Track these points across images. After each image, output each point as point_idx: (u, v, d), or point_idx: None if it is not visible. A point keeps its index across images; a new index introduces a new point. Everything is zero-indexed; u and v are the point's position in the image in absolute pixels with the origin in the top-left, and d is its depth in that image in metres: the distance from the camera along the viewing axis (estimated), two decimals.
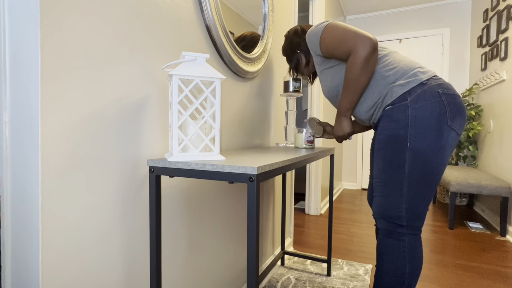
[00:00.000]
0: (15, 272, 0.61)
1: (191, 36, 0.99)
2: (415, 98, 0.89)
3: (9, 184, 0.60)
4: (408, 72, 0.93)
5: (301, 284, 1.59)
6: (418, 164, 0.88)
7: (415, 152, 0.88)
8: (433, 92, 0.88)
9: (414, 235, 0.92)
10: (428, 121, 0.87)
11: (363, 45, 0.90)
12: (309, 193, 2.95)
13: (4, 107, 0.59)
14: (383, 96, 0.96)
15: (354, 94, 0.98)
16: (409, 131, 0.89)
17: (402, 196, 0.91)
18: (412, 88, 0.91)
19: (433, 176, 0.90)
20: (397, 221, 0.92)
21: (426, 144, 0.87)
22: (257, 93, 1.51)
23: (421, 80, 0.91)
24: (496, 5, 2.74)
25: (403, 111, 0.90)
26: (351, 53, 0.93)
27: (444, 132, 0.87)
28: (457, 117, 0.89)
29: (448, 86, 0.91)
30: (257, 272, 0.63)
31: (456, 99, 0.90)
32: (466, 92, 3.36)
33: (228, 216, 1.25)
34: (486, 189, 2.41)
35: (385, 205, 0.94)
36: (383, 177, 0.94)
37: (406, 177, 0.90)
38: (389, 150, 0.93)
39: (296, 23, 2.05)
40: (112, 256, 0.72)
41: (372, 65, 0.92)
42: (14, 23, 0.58)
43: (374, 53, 0.91)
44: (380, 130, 0.97)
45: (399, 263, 0.91)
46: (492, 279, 1.67)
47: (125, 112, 0.74)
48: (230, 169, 0.64)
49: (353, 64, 0.92)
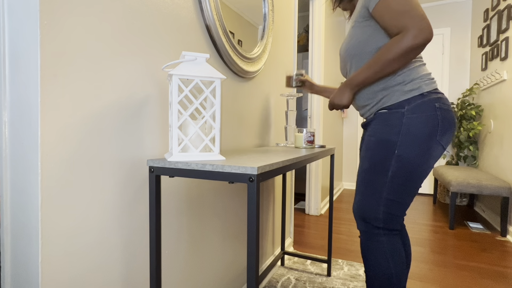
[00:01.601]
0: (15, 272, 0.61)
1: (191, 36, 0.99)
2: (413, 108, 0.89)
3: (9, 185, 0.60)
4: (415, 79, 0.92)
5: (301, 285, 1.59)
6: (402, 172, 0.90)
7: (401, 160, 0.89)
8: (430, 105, 0.89)
9: (392, 235, 0.94)
10: (420, 132, 0.88)
11: (421, 33, 0.81)
12: (309, 193, 2.94)
13: (3, 107, 0.59)
14: (383, 95, 0.96)
15: (375, 74, 0.91)
16: (399, 139, 0.89)
17: (381, 199, 0.92)
18: (412, 97, 0.90)
19: (414, 185, 0.91)
20: (374, 222, 0.94)
21: (413, 154, 0.88)
22: (257, 93, 1.51)
23: (423, 90, 0.90)
24: (497, 5, 2.74)
25: (399, 118, 0.90)
26: (402, 32, 0.83)
27: (433, 146, 0.89)
28: (447, 133, 0.90)
29: (445, 101, 0.92)
30: (257, 272, 0.63)
31: (450, 114, 0.91)
32: (466, 92, 3.35)
33: (228, 216, 1.25)
34: (486, 189, 2.41)
35: (364, 205, 0.95)
36: (366, 178, 0.95)
37: (388, 182, 0.91)
38: (377, 153, 0.93)
39: (296, 23, 2.05)
40: (112, 256, 0.72)
41: (411, 57, 0.86)
42: (14, 23, 0.58)
43: (422, 47, 0.84)
44: (372, 132, 0.96)
45: (383, 265, 0.92)
46: (492, 279, 1.67)
47: (125, 112, 0.74)
48: (230, 169, 0.64)
49: (396, 45, 0.84)
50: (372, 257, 0.94)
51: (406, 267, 0.98)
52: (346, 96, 1.02)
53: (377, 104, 0.98)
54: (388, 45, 0.86)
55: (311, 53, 2.83)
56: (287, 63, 1.94)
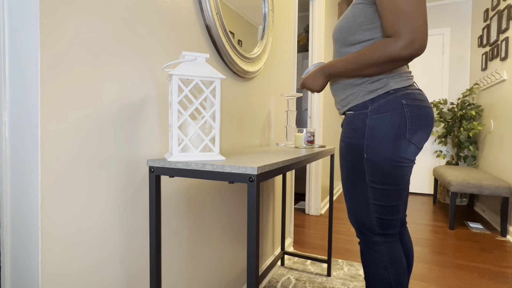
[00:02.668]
0: (15, 272, 0.61)
1: (191, 36, 0.99)
2: (376, 108, 0.84)
3: (9, 184, 0.60)
4: (382, 78, 0.85)
5: (301, 285, 1.59)
6: (377, 175, 0.85)
7: (372, 164, 0.85)
8: (396, 103, 0.82)
9: (390, 242, 0.90)
10: (385, 133, 0.82)
11: (411, 45, 0.72)
12: (309, 193, 2.94)
13: (3, 107, 0.59)
14: (349, 94, 0.91)
15: (351, 72, 0.84)
16: (365, 142, 0.85)
17: (369, 206, 0.88)
18: (376, 97, 0.85)
19: (394, 187, 0.86)
20: (370, 229, 0.90)
21: (382, 157, 0.84)
22: (257, 93, 1.51)
23: (389, 88, 0.84)
24: (497, 5, 2.74)
25: (362, 120, 0.86)
26: (393, 36, 0.74)
27: (402, 146, 0.83)
28: (419, 130, 0.83)
29: (416, 96, 0.84)
30: (257, 272, 0.63)
31: (421, 110, 0.83)
32: (466, 92, 3.35)
33: (228, 216, 1.25)
34: (486, 189, 2.41)
35: (356, 214, 0.92)
36: (348, 186, 0.92)
37: (369, 187, 0.87)
38: (349, 159, 0.90)
39: (296, 23, 2.05)
40: (112, 256, 0.72)
41: (393, 68, 0.79)
42: (14, 23, 0.58)
43: (407, 61, 0.76)
44: (342, 137, 0.94)
45: (382, 273, 0.89)
46: (492, 279, 1.67)
47: (125, 112, 0.74)
48: (230, 169, 0.64)
49: (381, 49, 0.76)
50: (371, 266, 0.91)
51: (407, 271, 0.95)
52: (319, 82, 0.95)
53: (343, 101, 0.94)
54: (375, 45, 0.77)
55: (311, 53, 2.83)
56: (287, 63, 1.94)
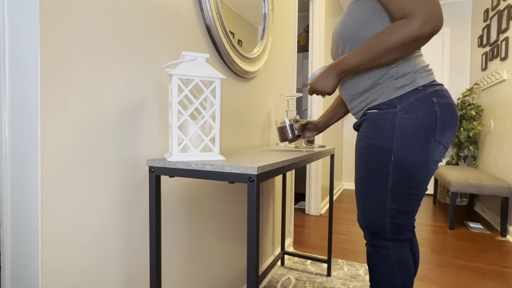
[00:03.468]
0: (15, 272, 0.61)
1: (191, 36, 0.99)
2: (406, 107, 0.79)
3: (9, 184, 0.60)
4: (408, 73, 0.80)
5: (301, 285, 1.59)
6: (403, 179, 0.81)
7: (400, 167, 0.81)
8: (427, 101, 0.78)
9: (400, 247, 0.87)
10: (416, 134, 0.78)
11: (430, 20, 0.67)
12: (309, 193, 2.94)
13: (3, 107, 0.59)
14: (371, 92, 0.86)
15: (369, 62, 0.78)
16: (394, 144, 0.80)
17: (385, 210, 0.84)
18: (404, 94, 0.80)
19: (418, 191, 0.83)
20: (381, 234, 0.87)
21: (412, 159, 0.79)
22: (257, 93, 1.51)
23: (417, 85, 0.79)
24: (497, 5, 2.74)
25: (391, 120, 0.80)
26: (408, 17, 0.70)
27: (431, 147, 0.79)
28: (448, 130, 0.80)
29: (444, 93, 0.80)
30: (257, 272, 0.63)
31: (450, 108, 0.80)
32: (466, 92, 3.35)
33: (228, 216, 1.25)
34: (486, 189, 2.41)
35: (369, 217, 0.88)
36: (365, 188, 0.87)
37: (390, 191, 0.83)
38: (371, 161, 0.85)
39: (296, 23, 2.05)
40: (112, 256, 0.72)
41: (414, 48, 0.73)
42: (14, 23, 0.58)
43: (429, 38, 0.71)
44: (363, 137, 0.87)
45: (389, 278, 0.86)
46: (492, 279, 1.67)
47: (125, 112, 0.74)
48: (230, 169, 0.64)
49: (398, 31, 0.71)
50: (378, 270, 0.88)
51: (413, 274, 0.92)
52: (332, 81, 0.87)
53: (364, 101, 0.88)
54: (389, 29, 0.72)
55: (311, 53, 2.83)
56: (287, 63, 1.94)
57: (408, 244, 0.88)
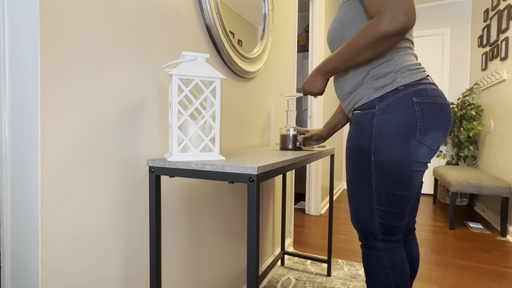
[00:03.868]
0: (15, 272, 0.61)
1: (191, 36, 0.99)
2: (384, 107, 0.78)
3: (9, 184, 0.60)
4: (390, 73, 0.79)
5: (301, 285, 1.59)
6: (384, 179, 0.80)
7: (380, 167, 0.80)
8: (406, 101, 0.76)
9: (392, 249, 0.86)
10: (394, 134, 0.77)
11: (395, 18, 0.67)
12: (309, 193, 2.94)
13: (3, 107, 0.59)
14: (355, 93, 0.86)
15: (346, 62, 0.79)
16: (373, 144, 0.80)
17: (373, 210, 0.84)
18: (384, 94, 0.79)
19: (402, 193, 0.81)
20: (373, 234, 0.87)
21: (391, 160, 0.78)
22: (257, 93, 1.51)
23: (398, 84, 0.78)
24: (497, 5, 2.74)
25: (369, 120, 0.81)
26: (376, 16, 0.70)
27: (412, 148, 0.77)
28: (432, 130, 0.77)
29: (430, 92, 0.78)
30: (257, 272, 0.63)
31: (436, 108, 0.77)
32: (466, 92, 3.35)
33: (228, 216, 1.25)
34: (486, 189, 2.41)
35: (359, 218, 0.88)
36: (353, 189, 0.88)
37: (374, 191, 0.83)
38: (355, 161, 0.86)
39: (296, 23, 2.05)
40: (112, 256, 0.72)
41: (385, 47, 0.73)
42: (14, 23, 0.58)
43: (398, 36, 0.70)
44: (348, 138, 0.90)
45: (383, 279, 0.86)
46: (492, 279, 1.67)
47: (125, 112, 0.74)
48: (230, 169, 0.64)
49: (366, 31, 0.72)
50: (372, 272, 0.89)
51: (411, 278, 0.91)
52: (318, 83, 0.91)
53: (351, 102, 0.89)
54: (360, 31, 0.74)
55: (311, 53, 2.83)
56: (287, 63, 1.94)
57: (401, 246, 0.88)
